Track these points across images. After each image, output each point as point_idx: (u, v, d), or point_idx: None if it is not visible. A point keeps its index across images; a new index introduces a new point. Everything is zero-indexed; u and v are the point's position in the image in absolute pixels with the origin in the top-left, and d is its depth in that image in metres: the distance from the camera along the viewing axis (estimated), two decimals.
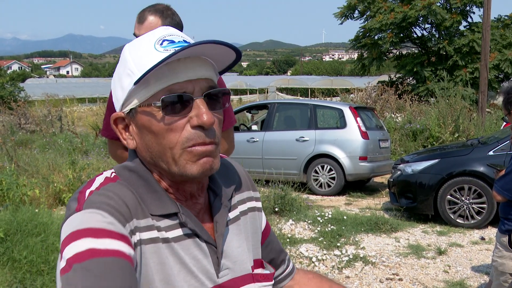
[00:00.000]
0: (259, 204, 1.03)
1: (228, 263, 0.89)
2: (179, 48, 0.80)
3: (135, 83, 0.81)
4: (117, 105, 0.87)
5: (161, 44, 0.83)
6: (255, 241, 0.99)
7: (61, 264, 0.74)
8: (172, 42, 0.83)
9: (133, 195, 0.82)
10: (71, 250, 0.73)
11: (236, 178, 1.00)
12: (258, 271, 0.96)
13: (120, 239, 0.75)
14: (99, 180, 0.85)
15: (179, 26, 2.12)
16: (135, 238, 0.79)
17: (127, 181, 0.84)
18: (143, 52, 0.83)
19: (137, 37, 2.20)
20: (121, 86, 0.85)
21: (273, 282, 0.98)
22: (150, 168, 0.87)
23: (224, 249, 0.89)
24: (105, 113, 2.34)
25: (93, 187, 0.82)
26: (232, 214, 0.95)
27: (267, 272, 0.97)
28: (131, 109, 0.84)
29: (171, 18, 2.07)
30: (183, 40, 0.84)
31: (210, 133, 0.83)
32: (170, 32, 0.86)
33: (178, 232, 0.84)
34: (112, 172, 0.87)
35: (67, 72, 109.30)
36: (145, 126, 0.83)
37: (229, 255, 0.90)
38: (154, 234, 0.81)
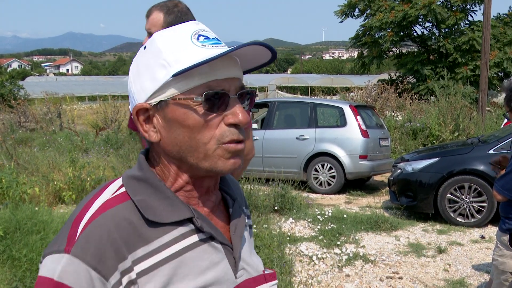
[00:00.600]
0: (250, 222, 1.05)
1: (244, 264, 0.91)
2: (230, 49, 0.81)
3: (175, 75, 0.79)
4: (142, 96, 0.84)
5: (198, 38, 0.83)
6: (254, 251, 1.02)
7: None
8: (207, 38, 0.84)
9: (128, 224, 0.80)
10: None
11: (238, 191, 1.03)
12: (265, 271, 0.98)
13: None
14: (97, 204, 0.83)
15: None
16: (130, 276, 0.78)
17: (135, 194, 0.83)
18: (181, 45, 0.82)
19: (149, 33, 2.19)
20: (151, 77, 0.82)
21: (277, 281, 0.99)
22: (170, 165, 0.86)
23: (241, 250, 0.91)
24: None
25: (86, 217, 0.81)
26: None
27: (271, 271, 0.99)
28: (160, 101, 0.82)
29: (176, 16, 2.05)
30: (216, 37, 0.85)
31: (242, 132, 0.84)
32: (202, 27, 0.86)
33: (194, 238, 0.84)
34: (119, 187, 0.86)
35: (67, 70, 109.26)
36: (178, 120, 0.82)
37: (244, 256, 0.92)
38: (156, 258, 0.80)
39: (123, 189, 0.85)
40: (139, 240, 0.80)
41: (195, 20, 2.13)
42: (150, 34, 2.15)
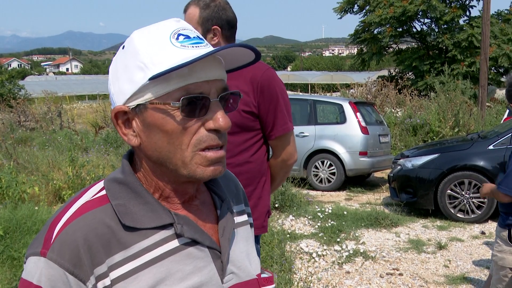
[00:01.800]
0: (251, 220, 1.02)
1: (233, 268, 0.87)
2: (211, 51, 0.76)
3: (151, 78, 0.76)
4: (120, 98, 0.81)
5: (177, 38, 0.79)
6: (254, 253, 0.98)
7: None
8: (188, 37, 0.80)
9: (106, 228, 0.78)
10: None
11: (235, 188, 1.00)
12: (261, 275, 0.95)
13: None
14: (76, 205, 0.81)
15: (225, 21, 2.01)
16: (105, 281, 0.77)
17: (115, 197, 0.81)
18: (159, 45, 0.78)
19: None
20: (129, 79, 0.79)
21: (274, 285, 0.96)
22: (151, 170, 0.84)
23: (230, 253, 0.87)
24: None
25: (63, 219, 0.79)
26: (237, 219, 0.95)
27: (268, 275, 0.96)
28: (138, 105, 0.79)
29: (212, 10, 1.98)
30: (197, 36, 0.81)
31: (222, 137, 0.81)
32: (183, 25, 0.82)
33: (175, 243, 0.81)
34: (100, 190, 0.83)
35: (67, 69, 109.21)
36: (156, 124, 0.79)
37: (234, 259, 0.88)
38: (134, 264, 0.78)
39: (103, 192, 0.83)
40: (117, 245, 0.78)
41: (234, 15, 2.08)
42: None
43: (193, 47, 0.79)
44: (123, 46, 0.82)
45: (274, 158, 2.09)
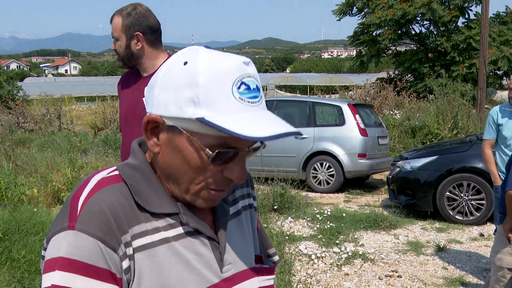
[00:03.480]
0: (255, 204, 1.05)
1: (231, 258, 0.90)
2: (268, 136, 0.74)
3: (198, 119, 0.75)
4: (161, 109, 0.80)
5: (239, 88, 0.77)
6: (254, 237, 1.01)
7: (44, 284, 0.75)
8: (248, 88, 0.78)
9: (126, 201, 0.81)
10: (55, 279, 0.74)
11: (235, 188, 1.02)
12: (259, 265, 0.97)
13: (108, 280, 0.76)
14: (93, 181, 0.83)
15: (147, 27, 2.20)
16: (129, 250, 0.79)
17: (128, 178, 0.84)
18: (220, 88, 0.76)
19: (113, 37, 2.30)
20: (176, 101, 0.77)
21: (274, 276, 0.99)
22: (155, 169, 0.88)
23: (227, 243, 0.90)
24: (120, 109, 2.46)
25: (85, 193, 0.81)
26: (233, 209, 0.96)
27: (268, 266, 0.98)
28: (174, 125, 0.79)
29: (133, 18, 2.18)
30: (256, 87, 0.80)
31: (232, 185, 0.85)
32: (248, 71, 0.79)
33: (179, 230, 0.85)
34: (113, 170, 0.86)
35: (66, 70, 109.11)
36: (182, 151, 0.80)
37: (231, 249, 0.91)
38: (150, 239, 0.81)
39: (117, 172, 0.86)
40: (135, 218, 0.81)
41: (155, 21, 2.25)
42: (114, 38, 2.25)
43: (249, 102, 0.78)
44: (185, 62, 0.79)
45: None
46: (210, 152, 0.78)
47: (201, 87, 0.76)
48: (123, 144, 2.43)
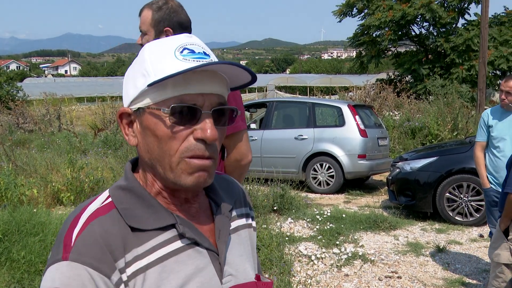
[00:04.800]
0: (254, 224, 1.05)
1: (231, 270, 0.90)
2: (199, 65, 0.81)
3: (149, 85, 0.82)
4: (126, 101, 0.88)
5: (181, 52, 0.84)
6: (253, 257, 1.01)
7: None
8: (192, 52, 0.84)
9: (119, 229, 0.82)
10: None
11: (236, 193, 1.03)
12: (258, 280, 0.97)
13: None
14: (86, 213, 0.84)
15: (177, 23, 2.10)
16: (124, 276, 0.80)
17: (120, 203, 0.85)
18: (162, 56, 0.84)
19: (140, 30, 2.20)
20: (134, 84, 0.86)
21: None
22: (146, 171, 0.89)
23: (226, 255, 0.90)
24: None
25: (78, 225, 0.82)
26: (233, 225, 0.97)
27: (268, 280, 0.98)
28: (139, 108, 0.85)
29: (164, 13, 2.08)
30: (203, 52, 0.85)
31: (210, 148, 0.84)
32: (191, 41, 0.86)
33: (177, 244, 0.85)
34: (106, 198, 0.87)
35: (66, 71, 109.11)
36: (150, 128, 0.84)
37: (231, 262, 0.91)
38: (146, 261, 0.82)
39: (109, 200, 0.87)
40: (129, 244, 0.82)
41: (187, 18, 2.14)
42: (142, 32, 2.16)
43: (194, 61, 0.83)
44: (138, 54, 0.89)
45: (227, 158, 2.11)
46: (166, 109, 0.81)
47: (147, 61, 0.84)
48: None
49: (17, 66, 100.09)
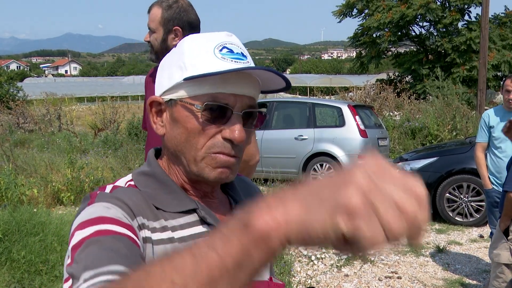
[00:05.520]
0: None
1: None
2: (240, 67, 0.82)
3: (186, 79, 0.83)
4: (159, 90, 0.89)
5: (221, 50, 0.85)
6: None
7: (68, 253, 0.73)
8: (231, 51, 0.85)
9: (143, 198, 0.84)
10: (78, 237, 0.73)
11: (254, 195, 1.05)
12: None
13: (128, 228, 0.76)
14: (110, 187, 0.87)
15: (187, 22, 2.08)
16: (143, 233, 0.80)
17: (143, 187, 0.87)
18: (202, 52, 0.85)
19: (149, 28, 2.17)
20: (169, 74, 0.87)
21: None
22: (170, 161, 0.91)
23: None
24: (144, 107, 2.34)
25: (107, 189, 0.85)
26: None
27: (280, 282, 0.99)
28: (171, 99, 0.86)
29: (174, 11, 2.06)
30: (241, 53, 0.86)
31: (236, 148, 0.86)
32: (231, 40, 0.87)
33: (199, 228, 0.87)
34: (129, 181, 0.89)
35: (66, 71, 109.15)
36: (180, 120, 0.85)
37: None
38: (167, 235, 0.83)
39: (132, 183, 0.89)
40: (153, 215, 0.83)
41: (196, 17, 2.11)
42: (150, 30, 2.14)
43: (232, 61, 0.84)
44: (176, 45, 0.90)
45: None
46: (200, 105, 0.83)
47: (186, 54, 0.85)
48: (149, 143, 2.30)
49: (17, 66, 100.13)
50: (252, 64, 0.87)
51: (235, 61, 0.84)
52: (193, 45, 0.86)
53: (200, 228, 0.87)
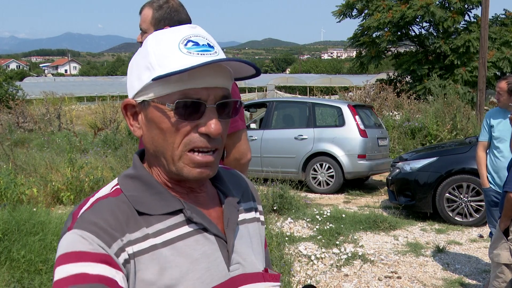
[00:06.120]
0: (262, 218, 1.06)
1: (238, 258, 0.90)
2: (204, 62, 0.80)
3: (154, 79, 0.82)
4: (131, 92, 0.88)
5: (185, 44, 0.83)
6: (262, 251, 1.01)
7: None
8: (197, 44, 0.84)
9: (127, 208, 0.84)
10: (57, 275, 0.77)
11: (244, 187, 1.04)
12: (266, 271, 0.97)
13: (104, 262, 0.77)
14: (97, 195, 0.87)
15: (178, 22, 2.09)
16: (126, 254, 0.80)
17: (127, 190, 0.86)
18: (167, 49, 0.83)
19: (140, 29, 2.19)
20: (138, 76, 0.86)
21: (280, 283, 0.99)
22: (151, 161, 0.90)
23: (235, 244, 0.90)
24: None
25: (88, 204, 0.85)
26: (240, 217, 0.97)
27: (275, 273, 0.98)
28: (143, 100, 0.85)
29: (165, 12, 2.08)
30: (207, 44, 0.85)
31: (214, 141, 0.85)
32: (196, 32, 0.86)
33: (185, 229, 0.86)
34: (114, 185, 0.89)
35: (65, 70, 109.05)
36: (154, 121, 0.85)
37: (239, 251, 0.91)
38: (149, 243, 0.82)
39: (118, 186, 0.88)
40: (135, 225, 0.83)
41: (187, 17, 2.13)
42: (142, 31, 2.16)
43: (198, 54, 0.82)
44: (141, 45, 0.89)
45: (227, 158, 2.11)
46: (171, 105, 0.82)
47: (151, 54, 0.84)
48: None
49: (17, 66, 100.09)
50: (221, 53, 0.85)
51: (201, 54, 0.82)
52: (157, 43, 0.84)
53: (186, 229, 0.86)
